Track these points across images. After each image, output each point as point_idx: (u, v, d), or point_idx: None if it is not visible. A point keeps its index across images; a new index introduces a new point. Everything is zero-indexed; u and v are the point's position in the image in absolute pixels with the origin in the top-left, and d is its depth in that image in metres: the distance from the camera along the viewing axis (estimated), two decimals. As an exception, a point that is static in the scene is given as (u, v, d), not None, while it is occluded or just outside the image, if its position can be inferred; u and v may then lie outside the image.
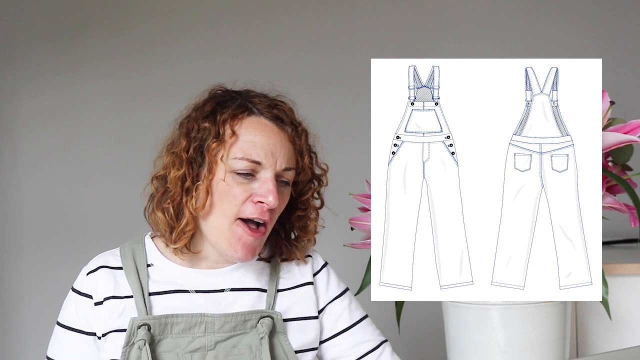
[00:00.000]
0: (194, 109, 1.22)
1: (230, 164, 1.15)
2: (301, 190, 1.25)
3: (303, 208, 1.25)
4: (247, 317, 1.18)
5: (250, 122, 1.18)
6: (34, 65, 2.34)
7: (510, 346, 1.14)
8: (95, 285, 1.19)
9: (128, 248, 1.23)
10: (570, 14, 2.28)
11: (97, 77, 2.32)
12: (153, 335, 1.14)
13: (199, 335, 1.15)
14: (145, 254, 1.22)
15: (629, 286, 1.39)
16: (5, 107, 2.34)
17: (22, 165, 2.34)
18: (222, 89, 1.24)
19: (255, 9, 2.36)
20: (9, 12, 2.35)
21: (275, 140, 1.18)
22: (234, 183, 1.16)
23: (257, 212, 1.16)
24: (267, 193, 1.15)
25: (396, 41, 2.31)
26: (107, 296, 1.18)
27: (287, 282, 1.25)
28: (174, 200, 1.16)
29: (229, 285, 1.21)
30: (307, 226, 1.26)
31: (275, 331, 1.19)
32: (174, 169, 1.16)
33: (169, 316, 1.15)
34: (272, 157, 1.17)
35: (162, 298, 1.18)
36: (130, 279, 1.19)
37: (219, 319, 1.16)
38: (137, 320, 1.14)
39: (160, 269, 1.21)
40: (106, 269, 1.20)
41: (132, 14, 2.37)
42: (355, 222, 1.32)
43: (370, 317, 1.30)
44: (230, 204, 1.16)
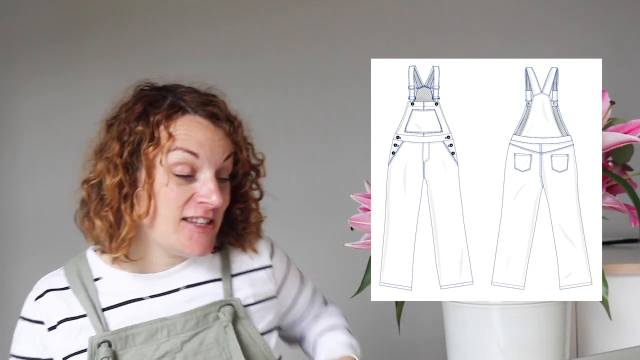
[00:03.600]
0: (122, 109, 1.17)
1: (169, 164, 1.12)
2: (239, 182, 1.23)
3: (242, 200, 1.24)
4: (207, 310, 1.16)
5: (185, 121, 1.14)
6: (34, 65, 2.35)
7: (510, 346, 1.14)
8: (46, 310, 1.15)
9: (72, 265, 1.20)
10: (570, 14, 2.28)
11: (97, 77, 2.32)
12: (115, 351, 1.11)
13: (164, 341, 1.13)
14: (89, 268, 1.18)
15: (629, 286, 1.39)
16: (6, 107, 2.34)
17: (22, 165, 2.34)
18: (149, 86, 1.20)
19: (255, 9, 2.36)
20: (9, 12, 2.35)
21: (212, 137, 1.15)
22: (174, 185, 1.12)
23: (200, 211, 1.13)
24: (209, 193, 1.13)
25: (396, 41, 2.31)
26: (60, 319, 1.14)
27: (240, 265, 1.24)
28: (112, 208, 1.12)
29: (184, 283, 1.19)
30: (248, 218, 1.24)
31: (238, 317, 1.18)
32: (109, 175, 1.12)
33: (128, 328, 1.12)
34: (210, 152, 1.13)
35: (118, 311, 1.15)
36: (79, 296, 1.15)
37: (179, 320, 1.14)
38: (96, 339, 1.11)
39: (109, 281, 1.17)
40: (53, 292, 1.16)
41: (132, 14, 2.37)
42: (355, 222, 1.32)
43: (370, 317, 1.31)
44: (173, 206, 1.12)
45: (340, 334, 1.32)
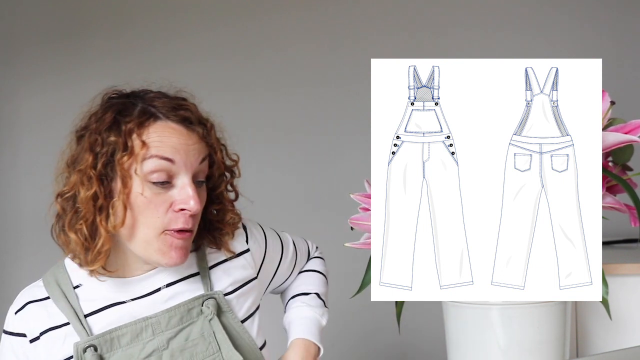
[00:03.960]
0: (91, 119, 1.15)
1: (145, 173, 1.10)
2: (214, 184, 1.22)
3: (218, 202, 1.23)
4: (190, 305, 1.16)
5: (158, 127, 1.12)
6: (34, 65, 2.35)
7: (510, 346, 1.14)
8: (26, 322, 1.14)
9: (50, 276, 1.19)
10: (570, 14, 2.28)
11: (97, 77, 2.31)
12: (102, 355, 1.11)
13: (149, 339, 1.13)
14: (68, 276, 1.18)
15: (629, 286, 1.39)
16: (6, 107, 2.34)
17: (22, 165, 2.34)
18: (117, 93, 1.19)
19: (255, 9, 2.36)
20: (9, 12, 2.35)
21: (187, 141, 1.13)
22: (151, 195, 1.11)
23: (181, 221, 1.12)
24: (187, 198, 1.11)
25: (396, 41, 2.31)
26: (42, 330, 1.13)
27: (217, 256, 1.24)
28: (86, 221, 1.11)
29: (163, 282, 1.18)
30: (224, 219, 1.23)
31: (221, 311, 1.18)
32: (84, 188, 1.10)
33: (112, 330, 1.12)
34: (185, 157, 1.12)
35: (100, 316, 1.14)
36: (59, 304, 1.14)
37: (163, 317, 1.14)
38: (81, 344, 1.10)
39: (88, 288, 1.16)
40: (34, 304, 1.15)
41: (132, 14, 2.37)
42: (355, 222, 1.32)
43: (370, 317, 1.31)
44: (153, 216, 1.11)
45: (304, 309, 1.34)
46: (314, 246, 1.47)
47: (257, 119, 2.26)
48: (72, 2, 2.37)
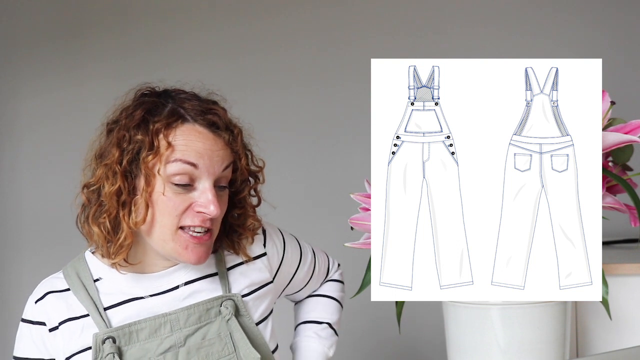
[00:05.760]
0: (122, 114, 1.16)
1: (167, 175, 1.11)
2: (237, 189, 1.22)
3: (240, 206, 1.23)
4: (209, 305, 1.17)
5: (184, 130, 1.13)
6: (34, 65, 2.35)
7: (510, 346, 1.14)
8: (46, 311, 1.16)
9: (70, 268, 1.20)
10: (570, 14, 2.28)
11: (97, 77, 2.32)
12: (119, 347, 1.12)
13: (167, 335, 1.14)
14: (89, 269, 1.19)
15: (629, 286, 1.39)
16: (6, 107, 2.34)
17: (22, 165, 2.34)
18: (150, 91, 1.19)
19: (255, 9, 2.36)
20: (9, 12, 2.35)
21: (212, 147, 1.14)
22: (172, 194, 1.12)
23: (198, 220, 1.13)
24: (207, 203, 1.12)
25: (396, 41, 2.31)
26: (61, 320, 1.15)
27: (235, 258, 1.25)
28: (110, 215, 1.12)
29: (182, 280, 1.20)
30: (245, 224, 1.24)
31: (238, 313, 1.19)
32: (108, 183, 1.12)
33: (132, 324, 1.14)
34: (209, 162, 1.13)
35: (119, 310, 1.16)
36: (79, 296, 1.16)
37: (182, 314, 1.16)
38: (100, 335, 1.12)
39: (109, 281, 1.18)
40: (54, 294, 1.17)
41: (132, 14, 2.37)
42: (355, 222, 1.32)
43: (370, 317, 1.31)
44: (171, 215, 1.12)
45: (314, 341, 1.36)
46: (335, 263, 1.46)
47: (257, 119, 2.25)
48: (73, 2, 2.37)
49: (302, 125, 2.33)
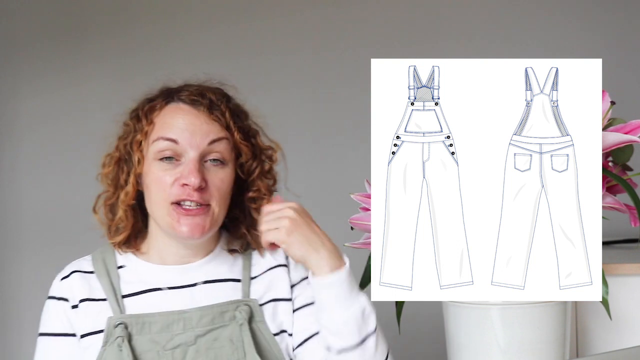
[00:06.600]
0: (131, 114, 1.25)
1: (151, 151, 1.17)
2: (247, 170, 1.24)
3: (254, 189, 1.24)
4: (224, 308, 1.18)
5: (168, 109, 1.19)
6: (34, 65, 2.35)
7: (510, 346, 1.14)
8: (70, 288, 1.20)
9: (99, 253, 1.25)
10: (570, 14, 2.28)
11: (97, 77, 2.32)
12: (131, 334, 1.15)
13: (178, 333, 1.15)
14: (114, 257, 1.24)
15: (629, 286, 1.39)
16: (6, 107, 2.34)
17: (22, 165, 2.34)
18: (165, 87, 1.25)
19: (255, 9, 2.36)
20: (9, 12, 2.35)
21: (193, 121, 1.18)
22: (159, 171, 1.17)
23: (184, 193, 1.15)
24: (188, 174, 1.15)
25: (396, 41, 2.31)
26: (82, 298, 1.19)
27: (259, 268, 1.24)
28: (108, 199, 1.22)
29: (202, 279, 1.21)
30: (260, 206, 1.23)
31: (253, 319, 1.19)
32: (105, 168, 1.22)
33: (146, 315, 1.16)
34: (189, 136, 1.16)
35: (136, 299, 1.19)
36: (102, 281, 1.20)
37: (196, 314, 1.16)
38: (114, 319, 1.15)
39: (131, 270, 1.22)
40: (79, 273, 1.22)
41: (132, 14, 2.37)
42: (355, 222, 1.32)
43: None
44: (160, 190, 1.17)
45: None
46: None
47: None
48: (73, 2, 2.37)
49: (302, 125, 2.33)
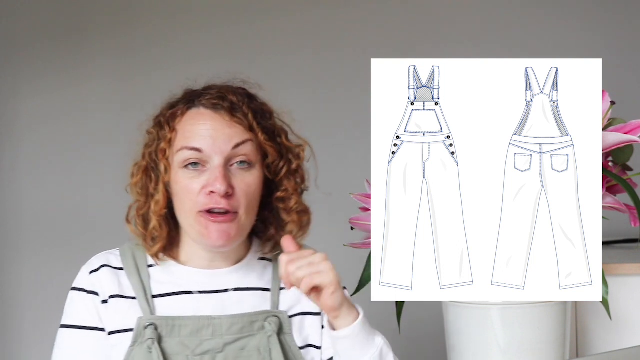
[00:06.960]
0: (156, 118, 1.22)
1: (176, 160, 1.15)
2: (274, 170, 1.21)
3: (282, 189, 1.22)
4: (253, 318, 1.17)
5: (189, 115, 1.17)
6: (34, 65, 2.34)
7: (510, 346, 1.14)
8: (100, 283, 1.17)
9: (128, 249, 1.22)
10: (570, 14, 2.28)
11: (97, 77, 2.32)
12: (160, 336, 1.13)
13: (207, 338, 1.14)
14: (145, 254, 1.21)
15: (629, 286, 1.39)
16: (6, 107, 2.34)
17: (22, 165, 2.34)
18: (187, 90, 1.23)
19: (255, 9, 2.36)
20: (9, 12, 2.35)
21: (215, 126, 1.15)
22: (186, 179, 1.15)
23: (211, 202, 1.13)
24: (214, 181, 1.13)
25: (396, 41, 2.31)
26: (112, 294, 1.17)
27: None
28: (139, 209, 1.18)
29: (233, 285, 1.20)
30: (288, 206, 1.22)
31: (282, 331, 1.18)
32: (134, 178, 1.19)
33: (176, 318, 1.14)
34: (212, 142, 1.14)
35: (166, 300, 1.17)
36: (132, 279, 1.18)
37: (226, 321, 1.15)
38: (144, 320, 1.14)
39: (162, 269, 1.20)
40: (109, 268, 1.18)
41: (133, 14, 2.37)
42: (355, 222, 1.33)
43: (370, 317, 1.30)
44: (188, 199, 1.14)
45: None
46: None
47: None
48: (73, 2, 2.37)
49: (302, 125, 2.33)
